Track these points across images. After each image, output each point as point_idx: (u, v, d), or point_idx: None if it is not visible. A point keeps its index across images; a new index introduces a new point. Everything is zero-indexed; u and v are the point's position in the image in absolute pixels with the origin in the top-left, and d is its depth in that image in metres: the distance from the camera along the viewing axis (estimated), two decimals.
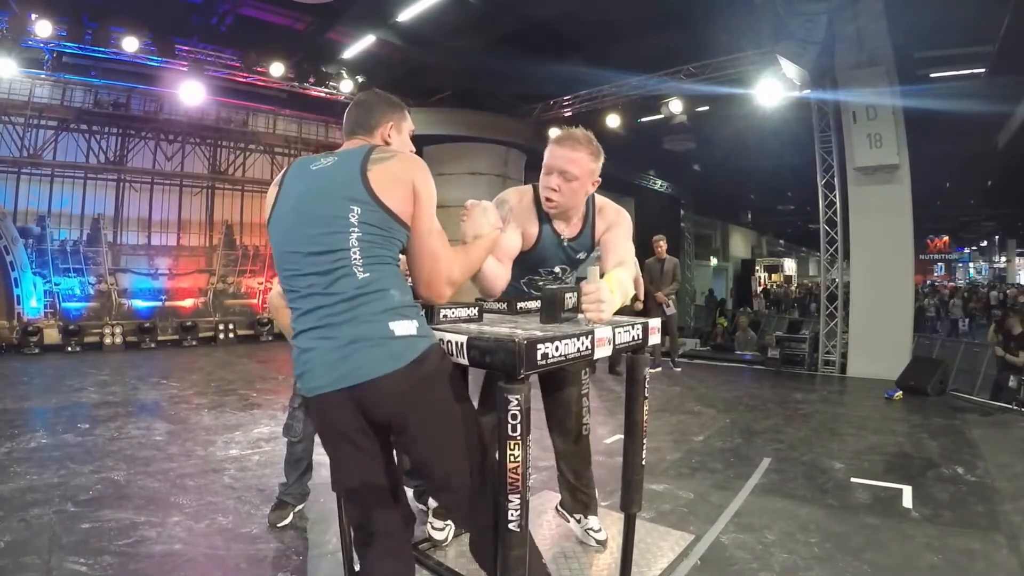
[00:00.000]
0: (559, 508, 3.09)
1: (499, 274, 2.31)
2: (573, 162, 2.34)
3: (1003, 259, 39.69)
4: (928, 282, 34.12)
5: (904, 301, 8.80)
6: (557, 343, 1.67)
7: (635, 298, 2.30)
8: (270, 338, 11.88)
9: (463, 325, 1.99)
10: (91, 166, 10.53)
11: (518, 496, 1.60)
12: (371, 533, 1.80)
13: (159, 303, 11.27)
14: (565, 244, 2.57)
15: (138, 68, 9.38)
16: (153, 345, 10.55)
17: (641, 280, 2.41)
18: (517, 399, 1.57)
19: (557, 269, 2.64)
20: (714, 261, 24.46)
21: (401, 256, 1.77)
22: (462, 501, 1.76)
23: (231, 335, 11.56)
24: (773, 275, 27.94)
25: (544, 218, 2.53)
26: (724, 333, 14.03)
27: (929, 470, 4.53)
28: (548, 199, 2.42)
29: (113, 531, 3.14)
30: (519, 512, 1.61)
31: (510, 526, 1.61)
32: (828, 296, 9.54)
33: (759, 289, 25.12)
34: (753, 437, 5.49)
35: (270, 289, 12.50)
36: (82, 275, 10.44)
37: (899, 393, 7.20)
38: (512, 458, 1.59)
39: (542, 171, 2.45)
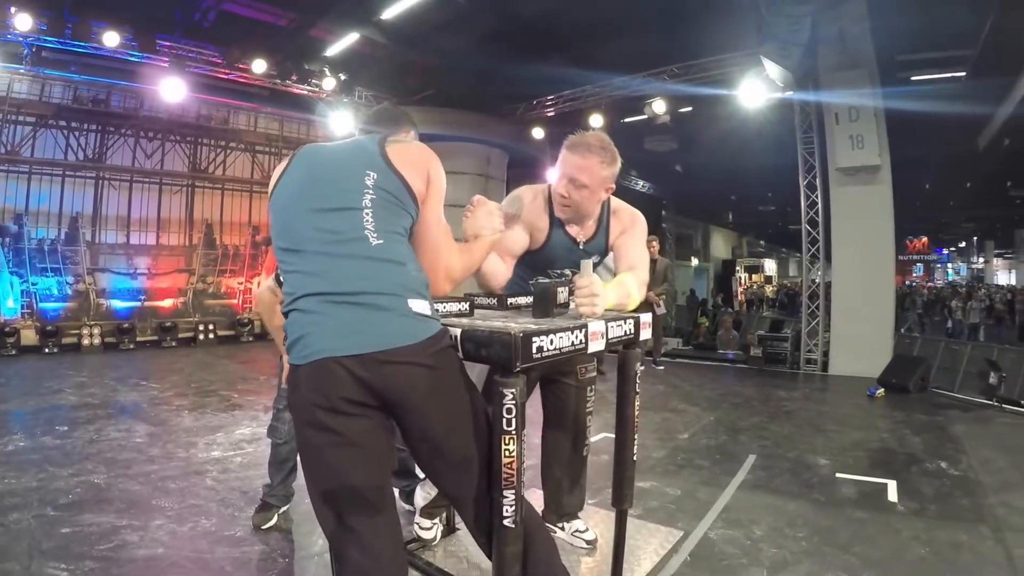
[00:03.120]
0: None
1: (499, 270, 2.30)
2: (583, 170, 2.30)
3: (981, 260, 40.33)
4: (907, 283, 34.53)
5: (885, 300, 8.90)
6: (552, 336, 1.66)
7: None
8: (250, 339, 11.76)
9: (455, 319, 1.97)
10: (70, 163, 10.39)
11: (513, 492, 1.58)
12: (354, 531, 1.58)
13: (138, 303, 11.13)
14: (580, 247, 2.52)
15: (119, 64, 9.22)
16: (132, 346, 10.38)
17: (645, 285, 2.39)
18: (512, 393, 1.55)
19: (568, 271, 2.57)
20: (695, 261, 24.64)
21: None
22: (474, 487, 1.66)
23: (211, 336, 11.39)
24: (754, 275, 28.24)
25: (556, 220, 2.49)
26: (706, 332, 14.11)
27: (913, 465, 4.58)
28: (560, 204, 2.40)
29: (94, 535, 3.07)
30: (514, 508, 1.59)
31: (505, 522, 1.59)
32: (810, 295, 9.60)
33: (740, 290, 25.38)
34: (738, 434, 5.52)
35: (250, 289, 12.46)
36: (60, 275, 10.29)
37: (881, 390, 7.26)
38: (507, 453, 1.57)
39: (556, 174, 2.42)
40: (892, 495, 3.90)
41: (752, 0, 7.20)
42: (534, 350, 1.59)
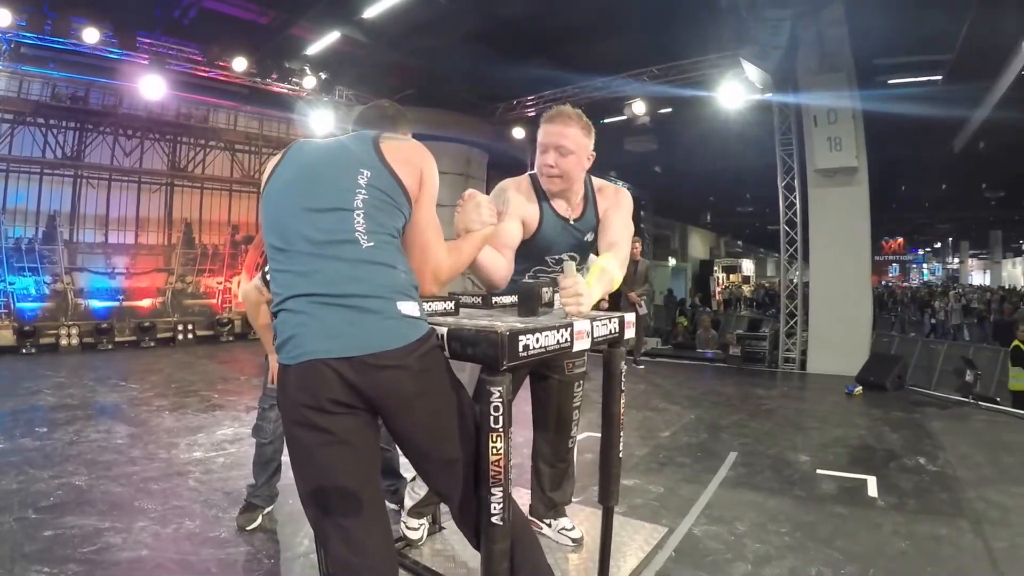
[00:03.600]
0: (529, 516, 3.05)
1: (499, 265, 2.28)
2: (567, 137, 2.35)
3: (956, 260, 40.91)
4: (884, 283, 34.97)
5: (863, 299, 9.03)
6: (538, 335, 1.67)
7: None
8: (230, 339, 11.71)
9: (440, 318, 1.98)
10: (48, 161, 10.26)
11: (500, 489, 1.59)
12: (344, 529, 1.57)
13: (116, 303, 11.00)
14: (572, 224, 2.54)
15: (98, 61, 9.11)
16: (110, 346, 10.28)
17: (626, 263, 2.41)
18: (499, 391, 1.56)
19: (566, 256, 2.59)
20: (673, 261, 24.83)
21: None
22: (461, 485, 1.67)
23: (190, 336, 11.32)
24: (731, 275, 28.52)
25: (544, 200, 2.50)
26: (685, 332, 14.22)
27: (892, 461, 4.67)
28: (547, 176, 2.42)
29: (77, 538, 3.04)
30: (502, 505, 1.60)
31: (493, 519, 1.60)
32: (788, 295, 9.71)
33: (718, 290, 25.61)
34: (719, 432, 5.58)
35: (229, 289, 12.36)
36: (37, 274, 10.16)
37: (859, 388, 7.38)
38: (494, 450, 1.58)
39: (537, 151, 2.44)
40: (872, 490, 3.98)
41: (732, 3, 7.27)
42: (520, 348, 1.60)
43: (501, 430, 1.58)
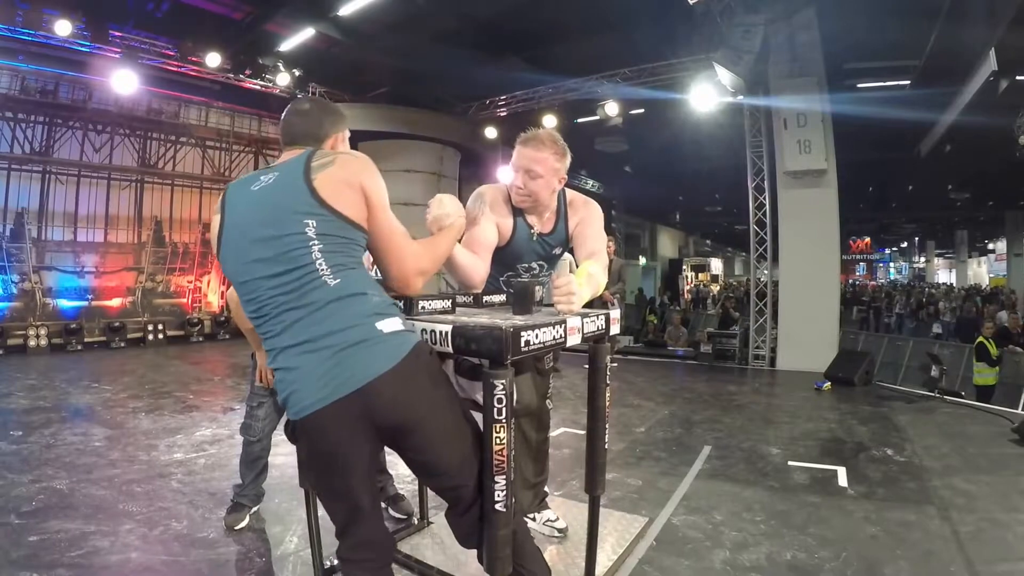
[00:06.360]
0: None
1: (477, 265, 2.35)
2: (537, 161, 2.44)
3: (922, 259, 41.78)
4: (851, 281, 35.50)
5: (831, 298, 9.25)
6: (537, 331, 1.75)
7: None
8: (200, 339, 11.61)
9: (439, 316, 2.04)
10: (15, 156, 10.00)
11: (504, 477, 1.67)
12: (363, 511, 1.78)
13: (85, 303, 10.78)
14: (536, 238, 2.63)
15: (68, 54, 8.95)
16: (80, 347, 10.08)
17: (607, 268, 2.52)
18: (503, 383, 1.63)
19: (535, 265, 2.69)
20: (643, 260, 25.10)
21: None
22: (470, 490, 1.75)
23: (160, 336, 11.15)
24: (700, 274, 28.90)
25: (518, 213, 2.60)
26: (655, 330, 14.37)
27: (861, 452, 4.83)
28: (516, 195, 2.52)
29: (63, 542, 3.01)
30: (505, 492, 1.68)
31: (496, 506, 1.68)
32: (758, 293, 9.91)
33: (686, 288, 25.91)
34: (693, 427, 5.72)
35: (199, 288, 12.22)
36: (5, 273, 9.91)
37: (828, 384, 7.58)
38: (498, 440, 1.66)
39: (511, 169, 2.53)
40: (842, 480, 4.13)
41: (707, 8, 7.41)
42: (523, 344, 1.67)
43: (504, 421, 1.65)
